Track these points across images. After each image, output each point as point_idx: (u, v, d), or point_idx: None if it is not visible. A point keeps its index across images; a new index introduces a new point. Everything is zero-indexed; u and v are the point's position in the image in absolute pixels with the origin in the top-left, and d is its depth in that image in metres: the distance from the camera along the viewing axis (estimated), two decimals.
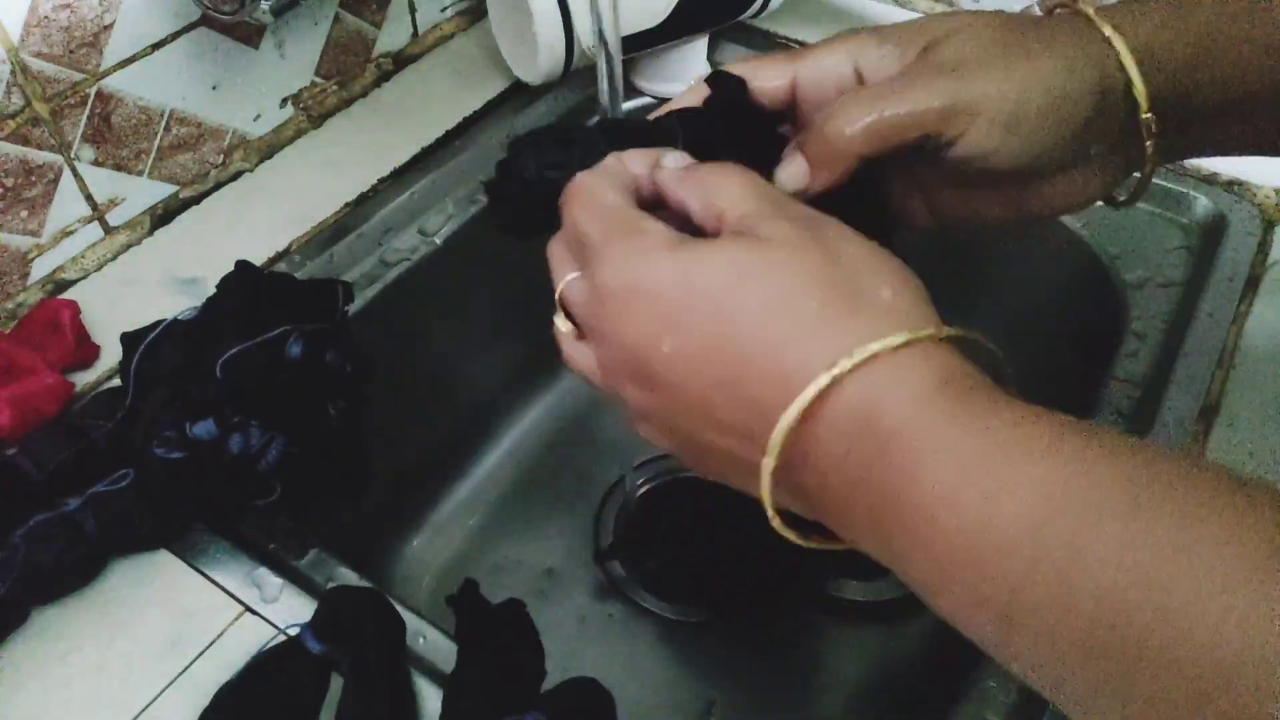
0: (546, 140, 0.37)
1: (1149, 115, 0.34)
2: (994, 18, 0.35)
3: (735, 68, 0.38)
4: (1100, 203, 0.40)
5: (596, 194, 0.33)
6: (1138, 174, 0.38)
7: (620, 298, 0.31)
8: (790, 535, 0.30)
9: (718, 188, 0.32)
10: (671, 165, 0.34)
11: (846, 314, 0.28)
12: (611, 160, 0.35)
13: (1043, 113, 0.33)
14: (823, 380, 0.27)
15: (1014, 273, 0.74)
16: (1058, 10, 0.37)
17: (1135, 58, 0.34)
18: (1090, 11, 0.35)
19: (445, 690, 0.41)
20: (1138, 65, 0.34)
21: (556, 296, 0.35)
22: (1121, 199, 0.40)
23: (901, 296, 0.28)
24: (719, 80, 0.38)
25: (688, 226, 0.32)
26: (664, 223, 0.32)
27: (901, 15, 0.83)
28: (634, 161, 0.34)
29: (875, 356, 0.27)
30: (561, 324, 0.35)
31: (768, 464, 0.28)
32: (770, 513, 0.29)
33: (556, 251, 0.35)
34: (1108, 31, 0.34)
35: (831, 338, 0.27)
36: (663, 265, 0.30)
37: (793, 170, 0.35)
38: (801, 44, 0.79)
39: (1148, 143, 0.35)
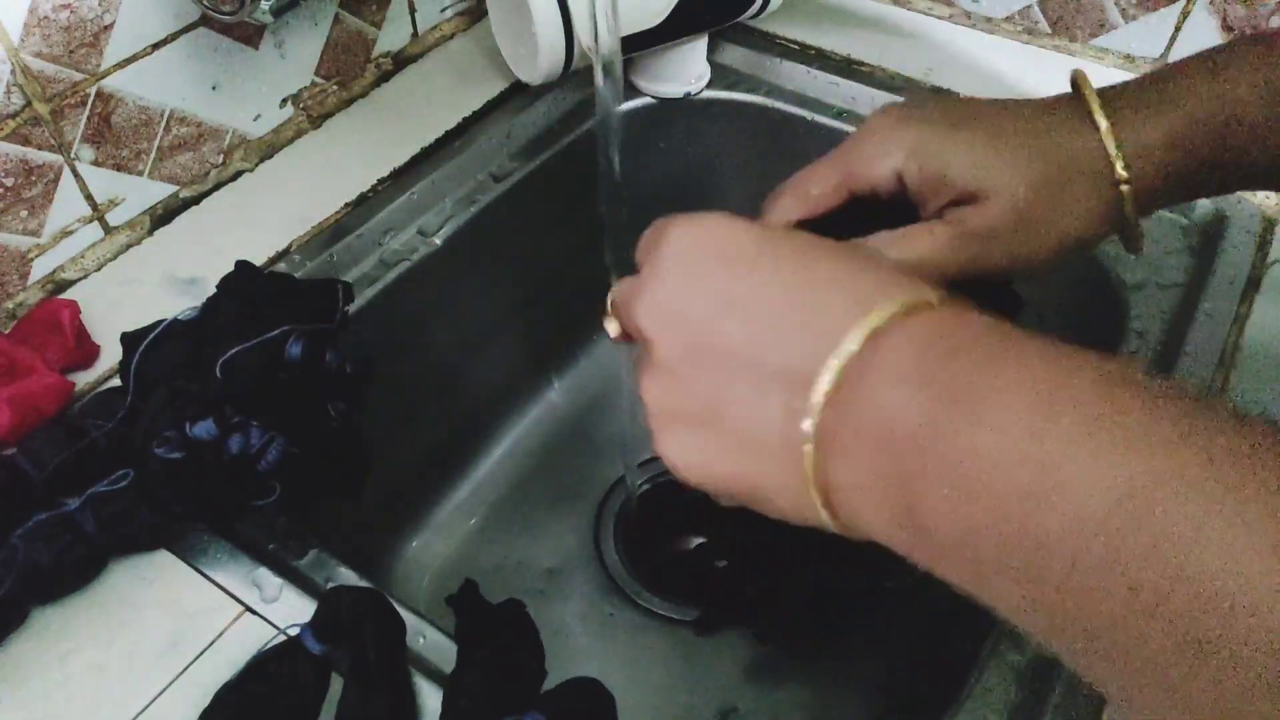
0: None
1: (1131, 213, 0.39)
2: (1000, 115, 0.40)
3: (789, 186, 0.44)
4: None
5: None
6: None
7: (690, 240, 0.32)
8: (823, 513, 0.29)
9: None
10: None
11: (872, 285, 0.29)
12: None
13: (1050, 233, 0.39)
14: (856, 339, 0.27)
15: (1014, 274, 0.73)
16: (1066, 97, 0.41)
17: (1114, 132, 0.39)
18: (1093, 109, 0.40)
19: (445, 690, 0.41)
20: (1117, 139, 0.39)
21: (609, 303, 0.36)
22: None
23: (901, 277, 0.30)
24: None
25: None
26: None
27: (900, 15, 0.83)
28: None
29: (894, 318, 0.27)
30: (611, 326, 0.36)
31: (820, 387, 0.27)
32: (809, 467, 0.28)
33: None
34: (1098, 118, 0.39)
35: (861, 303, 0.28)
36: (739, 223, 0.33)
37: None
38: (802, 44, 0.79)
39: (1129, 212, 0.40)
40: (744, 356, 0.29)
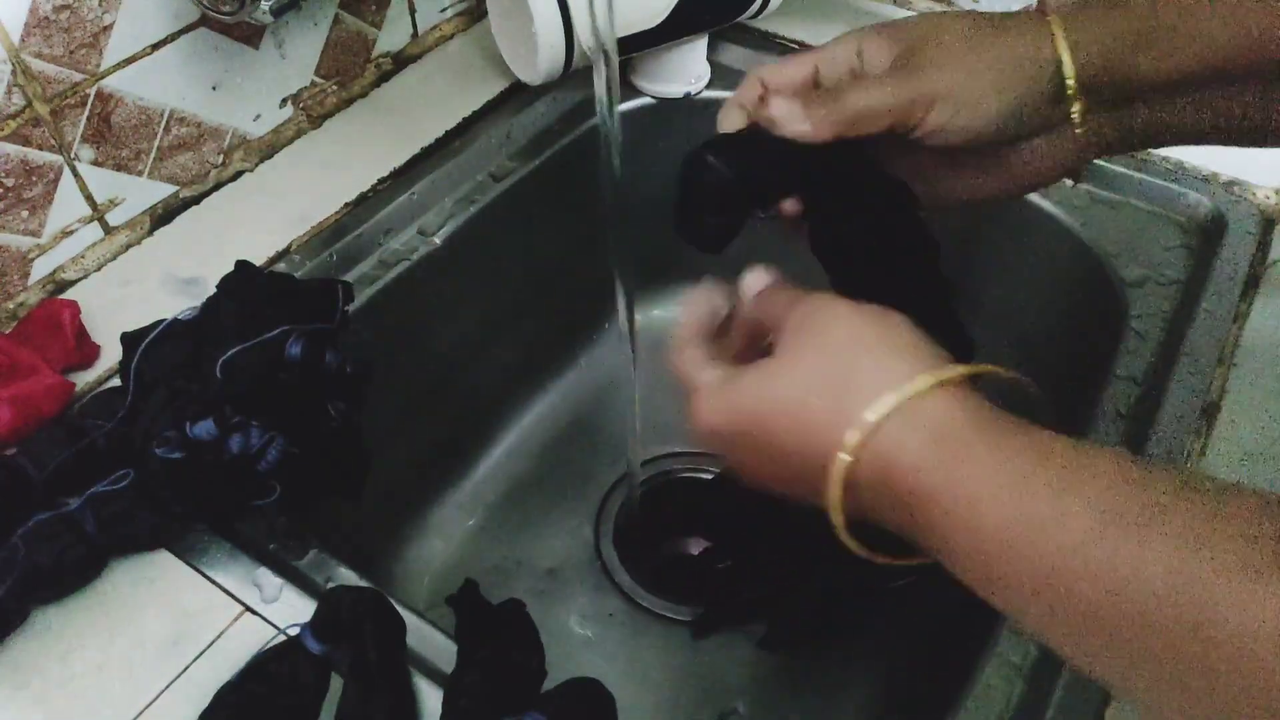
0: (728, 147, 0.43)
1: (1073, 85, 0.41)
2: (964, 19, 0.43)
3: (764, 70, 0.45)
4: (1070, 181, 0.47)
5: (677, 357, 0.40)
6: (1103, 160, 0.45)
7: (707, 439, 0.38)
8: (854, 546, 0.35)
9: (769, 301, 0.39)
10: (746, 291, 0.41)
11: (848, 393, 0.33)
12: (691, 303, 0.42)
13: (986, 93, 0.41)
14: (843, 460, 0.32)
15: (1015, 273, 0.74)
16: (1025, 10, 0.44)
17: (1069, 41, 0.41)
18: (1045, 6, 0.42)
19: (445, 690, 0.41)
20: (1070, 48, 0.41)
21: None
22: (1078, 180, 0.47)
23: (889, 360, 0.34)
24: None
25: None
26: (719, 365, 0.39)
27: (899, 14, 0.83)
28: (713, 295, 0.42)
29: (877, 426, 0.32)
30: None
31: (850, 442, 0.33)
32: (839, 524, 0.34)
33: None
34: (1051, 21, 0.41)
35: (842, 418, 0.33)
36: (715, 409, 0.37)
37: (789, 109, 0.41)
38: (802, 44, 0.79)
39: (1073, 112, 0.42)
40: (782, 458, 0.35)
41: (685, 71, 0.76)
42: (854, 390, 0.33)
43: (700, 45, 0.76)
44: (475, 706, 0.40)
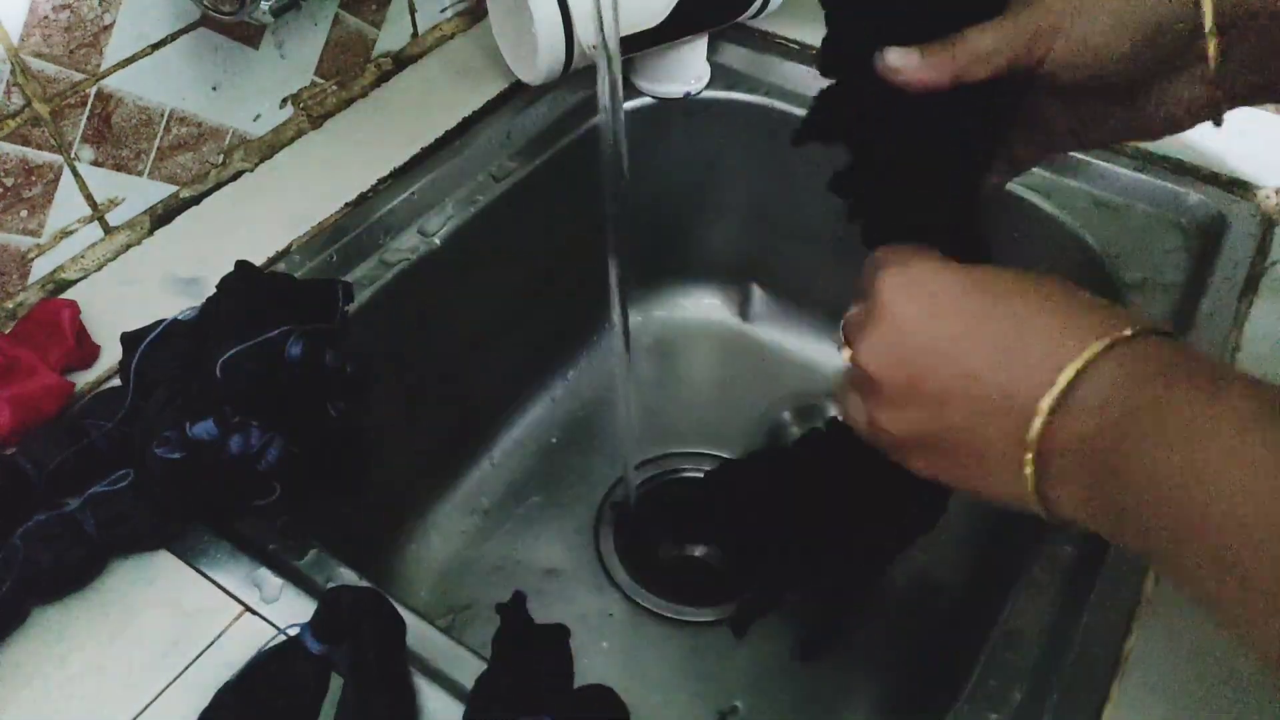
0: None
1: (1210, 20, 0.38)
2: None
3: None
4: (1210, 124, 0.43)
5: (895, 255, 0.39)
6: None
7: (897, 288, 0.37)
8: (1042, 513, 0.34)
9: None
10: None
11: (1089, 311, 0.33)
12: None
13: (1114, 24, 0.39)
14: (1080, 361, 0.31)
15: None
16: None
17: None
18: None
19: (472, 691, 0.41)
20: None
21: (841, 328, 0.40)
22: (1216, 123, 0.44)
23: (1115, 306, 0.34)
24: None
25: None
26: None
27: None
28: None
29: (1116, 342, 0.31)
30: (844, 352, 0.40)
31: (1036, 425, 0.32)
32: (1030, 483, 0.33)
33: (852, 310, 0.41)
34: None
35: (1080, 330, 0.32)
36: (944, 270, 0.37)
37: (907, 56, 0.40)
38: (802, 44, 0.79)
39: (1210, 50, 0.39)
40: (959, 394, 0.34)
41: (685, 71, 0.76)
42: (1068, 326, 0.32)
43: (700, 45, 0.76)
44: (503, 710, 0.40)
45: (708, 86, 0.78)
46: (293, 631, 0.42)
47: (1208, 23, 0.39)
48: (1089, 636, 0.44)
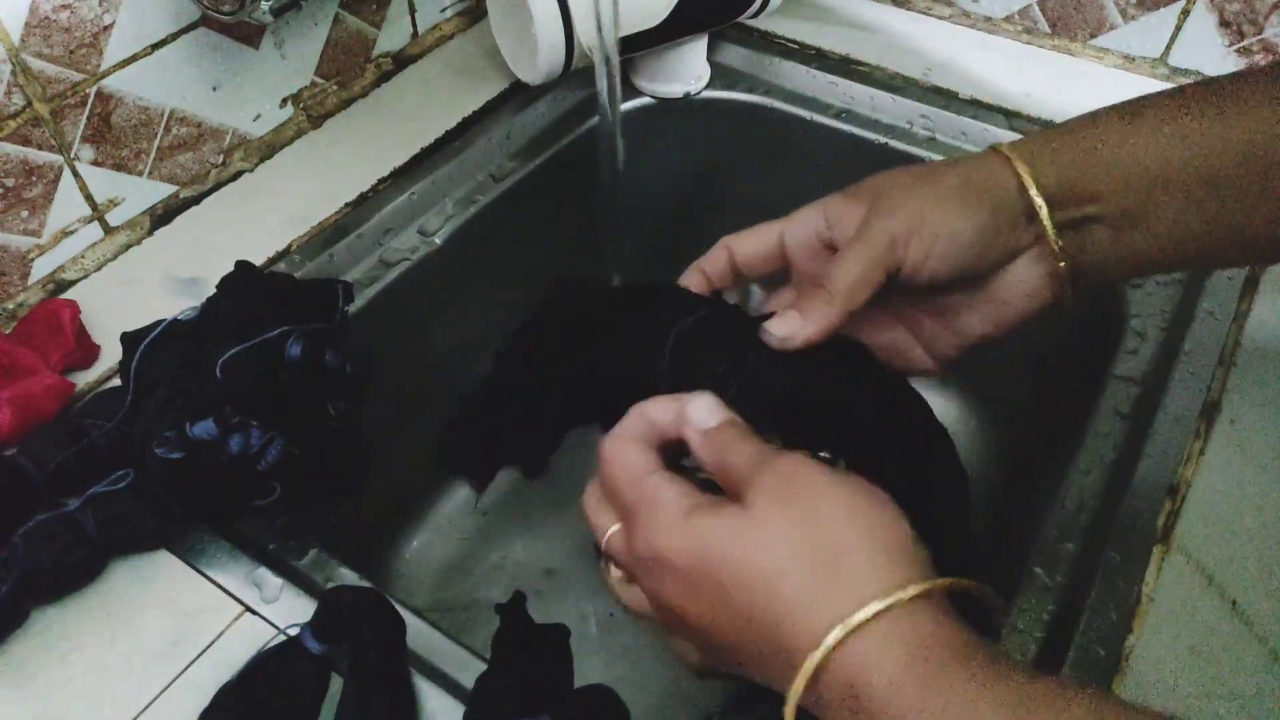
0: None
1: (1040, 200, 0.41)
2: (916, 166, 0.44)
3: (732, 239, 0.46)
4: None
5: (621, 456, 0.37)
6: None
7: (649, 563, 0.35)
8: None
9: (728, 448, 0.36)
10: (695, 422, 0.37)
11: (831, 582, 0.31)
12: (634, 414, 0.38)
13: (957, 214, 0.41)
14: (815, 658, 0.30)
15: None
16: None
17: (1025, 162, 0.42)
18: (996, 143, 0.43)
19: (473, 690, 0.41)
20: (1029, 167, 0.41)
21: (601, 547, 0.39)
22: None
23: (880, 557, 0.31)
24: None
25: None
26: (680, 483, 0.36)
27: (899, 15, 0.83)
28: (659, 412, 0.38)
29: (858, 628, 0.30)
30: (613, 573, 0.39)
31: (798, 686, 0.31)
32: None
33: (593, 503, 0.39)
34: (1001, 149, 0.42)
35: (821, 609, 0.31)
36: (674, 536, 0.34)
37: (787, 322, 0.41)
38: (802, 44, 0.79)
39: (1047, 226, 0.41)
40: (734, 648, 0.34)
41: (685, 71, 0.76)
42: (840, 579, 0.31)
43: (700, 45, 0.76)
44: (502, 710, 0.40)
45: (708, 86, 0.78)
46: (293, 631, 0.42)
47: (1038, 201, 0.41)
48: (1089, 636, 0.44)
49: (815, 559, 0.31)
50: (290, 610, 0.46)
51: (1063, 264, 0.42)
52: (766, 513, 0.33)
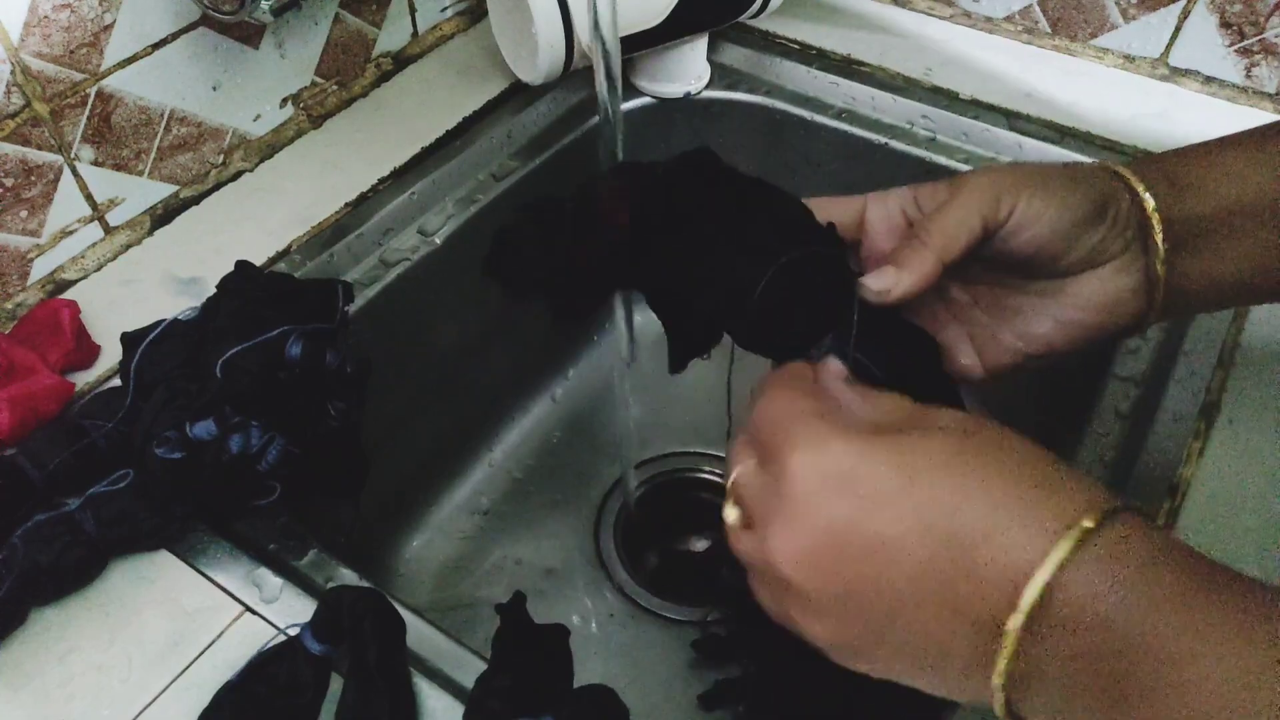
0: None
1: (1150, 199, 0.40)
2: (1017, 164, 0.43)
3: (813, 201, 0.43)
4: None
5: (789, 388, 0.35)
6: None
7: (819, 480, 0.31)
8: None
9: (878, 402, 0.34)
10: (835, 374, 0.36)
11: (1051, 494, 0.28)
12: (795, 368, 0.37)
13: (1059, 189, 0.39)
14: (1048, 569, 0.27)
15: None
16: None
17: (1133, 172, 0.41)
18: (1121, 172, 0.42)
19: (473, 690, 0.41)
20: (1135, 175, 0.40)
21: (728, 485, 0.35)
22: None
23: (1074, 474, 0.29)
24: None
25: None
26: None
27: (900, 16, 0.83)
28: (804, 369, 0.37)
29: (1086, 536, 0.27)
30: (730, 513, 0.35)
31: (1004, 657, 0.28)
32: (1000, 708, 0.29)
33: (738, 446, 0.36)
34: (1108, 164, 0.41)
35: (1045, 519, 0.28)
36: (870, 451, 0.31)
37: (884, 277, 0.39)
38: (802, 44, 0.79)
39: (1159, 241, 0.40)
40: (908, 603, 0.30)
41: (685, 71, 0.76)
42: (1059, 491, 0.28)
43: (700, 45, 0.76)
44: (502, 709, 0.40)
45: (708, 86, 0.78)
46: (293, 631, 0.42)
47: (1151, 211, 0.40)
48: None
49: (1026, 473, 0.29)
50: (290, 610, 0.46)
51: (1163, 274, 0.40)
52: (965, 432, 0.30)
